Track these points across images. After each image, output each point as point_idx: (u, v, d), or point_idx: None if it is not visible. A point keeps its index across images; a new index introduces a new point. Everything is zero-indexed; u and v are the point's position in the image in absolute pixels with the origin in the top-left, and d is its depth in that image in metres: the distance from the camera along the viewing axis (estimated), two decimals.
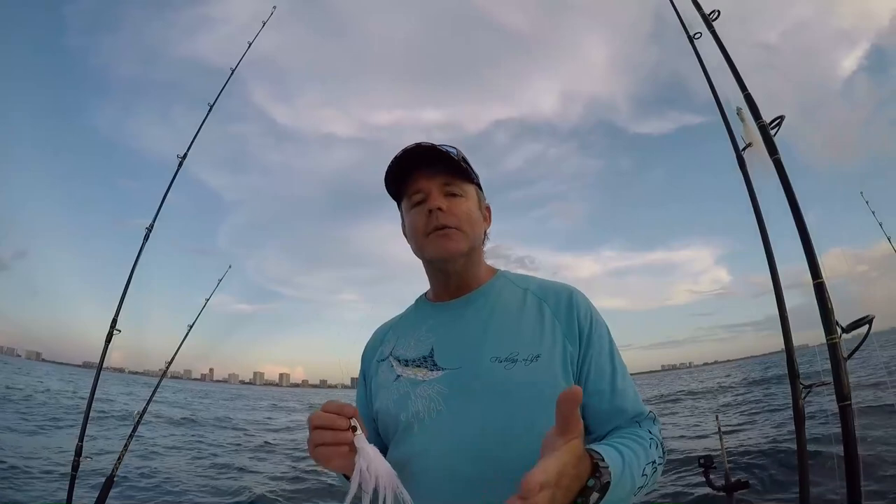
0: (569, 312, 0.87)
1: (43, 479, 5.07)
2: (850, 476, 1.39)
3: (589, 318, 0.87)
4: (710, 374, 48.95)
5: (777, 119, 1.83)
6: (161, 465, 6.91)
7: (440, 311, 0.94)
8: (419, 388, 0.84)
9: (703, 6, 2.19)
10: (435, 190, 0.88)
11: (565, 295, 0.89)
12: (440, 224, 0.86)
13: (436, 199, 0.87)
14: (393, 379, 0.89)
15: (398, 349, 0.93)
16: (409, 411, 0.83)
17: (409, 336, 0.94)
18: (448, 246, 0.87)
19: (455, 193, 0.89)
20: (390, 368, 0.91)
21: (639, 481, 0.71)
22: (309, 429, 0.69)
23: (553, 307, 0.88)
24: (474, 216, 0.91)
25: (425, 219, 0.87)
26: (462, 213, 0.88)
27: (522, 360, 0.81)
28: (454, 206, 0.88)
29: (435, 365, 0.85)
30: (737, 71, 2.00)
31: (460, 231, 0.87)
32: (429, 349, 0.88)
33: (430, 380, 0.84)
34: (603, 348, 0.86)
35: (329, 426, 0.68)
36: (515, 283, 0.95)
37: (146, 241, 2.65)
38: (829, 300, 1.53)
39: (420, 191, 0.89)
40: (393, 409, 0.85)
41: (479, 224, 0.93)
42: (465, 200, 0.90)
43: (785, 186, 1.71)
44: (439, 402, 0.81)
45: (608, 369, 0.84)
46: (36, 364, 79.17)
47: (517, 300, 0.90)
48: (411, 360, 0.89)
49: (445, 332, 0.89)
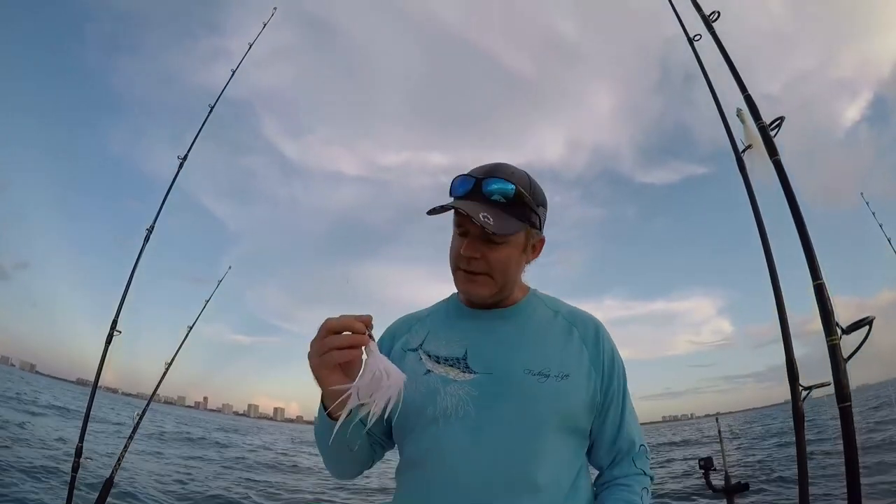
0: (596, 343, 0.92)
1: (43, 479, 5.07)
2: (850, 477, 1.39)
3: (612, 353, 0.93)
4: (713, 424, 49.12)
5: (777, 120, 1.82)
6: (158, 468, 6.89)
7: (475, 317, 0.95)
8: (450, 386, 0.86)
9: (703, 7, 2.19)
10: (475, 234, 0.86)
11: (593, 325, 0.94)
12: (469, 269, 0.88)
13: (470, 246, 0.86)
14: (423, 372, 0.89)
15: (429, 344, 0.93)
16: (437, 406, 0.84)
17: (441, 334, 0.94)
18: (471, 290, 0.90)
19: (497, 242, 0.86)
20: (419, 361, 0.91)
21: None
22: (318, 334, 0.70)
23: (582, 333, 0.92)
24: (510, 263, 0.89)
25: (458, 252, 0.88)
26: (496, 261, 0.87)
27: (554, 376, 0.84)
28: (489, 255, 0.87)
29: (468, 367, 0.87)
30: (737, 72, 2.00)
31: (490, 278, 0.88)
32: (462, 351, 0.89)
33: (462, 381, 0.86)
34: (620, 385, 0.92)
35: (348, 329, 0.69)
36: (546, 304, 0.98)
37: (146, 242, 2.65)
38: (830, 301, 1.52)
39: (463, 225, 0.88)
40: (419, 401, 0.85)
41: (516, 267, 0.91)
42: (504, 248, 0.87)
43: (785, 188, 1.71)
44: (468, 403, 0.83)
45: (621, 405, 0.92)
46: (30, 376, 78.72)
47: (548, 320, 0.94)
48: (443, 357, 0.90)
49: (479, 337, 0.91)
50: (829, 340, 1.49)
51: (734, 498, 2.55)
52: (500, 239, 0.85)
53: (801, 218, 1.64)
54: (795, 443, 1.67)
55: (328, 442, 0.78)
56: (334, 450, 0.84)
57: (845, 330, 1.48)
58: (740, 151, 1.99)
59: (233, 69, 3.08)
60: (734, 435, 18.04)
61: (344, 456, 0.89)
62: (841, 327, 1.49)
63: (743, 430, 20.47)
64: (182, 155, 2.85)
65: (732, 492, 2.53)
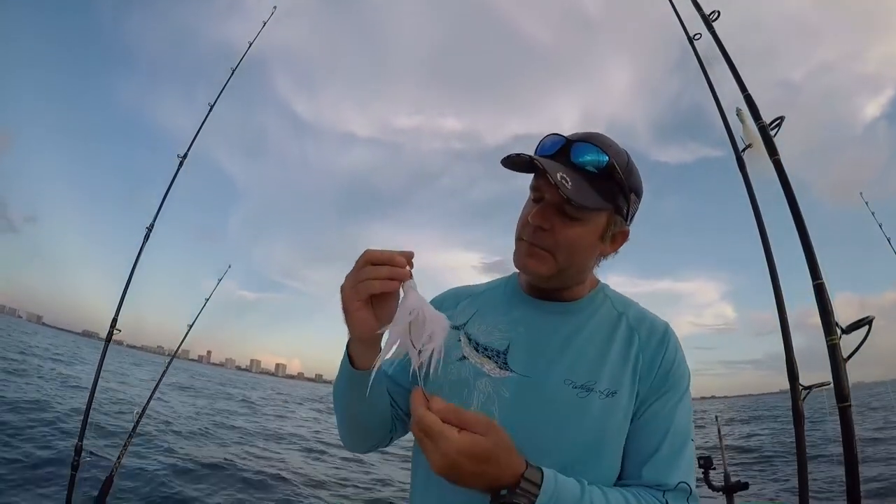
0: (657, 350, 0.78)
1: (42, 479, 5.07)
2: (850, 477, 1.39)
3: (672, 362, 0.78)
4: (710, 405, 50.35)
5: (777, 120, 1.82)
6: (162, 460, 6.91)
7: (531, 306, 0.84)
8: (481, 381, 0.78)
9: (703, 7, 2.19)
10: (550, 202, 0.75)
11: (659, 332, 0.80)
12: (532, 240, 0.76)
13: (542, 214, 0.75)
14: (458, 357, 0.81)
15: (473, 326, 0.85)
16: (461, 400, 0.76)
17: (489, 317, 0.85)
18: (529, 265, 0.78)
19: (572, 216, 0.74)
20: (457, 343, 0.83)
21: None
22: (356, 265, 0.64)
23: (644, 340, 0.79)
24: (581, 245, 0.77)
25: (525, 220, 0.78)
26: (564, 239, 0.75)
27: (599, 392, 0.73)
28: (560, 230, 0.75)
29: (505, 364, 0.78)
30: (737, 71, 2.00)
31: (552, 256, 0.76)
32: (505, 344, 0.80)
33: (496, 377, 0.78)
34: (670, 401, 0.76)
35: (389, 262, 0.63)
36: (614, 303, 0.85)
37: (146, 241, 2.65)
38: (829, 301, 1.52)
39: (539, 188, 0.77)
40: (446, 390, 0.77)
41: (587, 252, 0.79)
42: (579, 226, 0.75)
43: (785, 187, 1.71)
44: (495, 404, 0.75)
45: (664, 426, 0.74)
46: (37, 327, 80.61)
47: (611, 324, 0.81)
48: (482, 346, 0.81)
49: (527, 332, 0.81)
50: (829, 340, 1.49)
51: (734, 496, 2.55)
52: (575, 212, 0.73)
53: (801, 218, 1.64)
54: (795, 442, 1.68)
55: (349, 398, 0.73)
56: (354, 410, 0.78)
57: (845, 330, 1.48)
58: (740, 151, 1.99)
59: (232, 67, 3.06)
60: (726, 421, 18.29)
61: (363, 419, 0.81)
62: (840, 327, 1.49)
63: (738, 415, 20.76)
64: (182, 153, 2.84)
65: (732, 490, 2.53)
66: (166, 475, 5.72)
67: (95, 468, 2.72)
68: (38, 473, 5.11)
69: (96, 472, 2.63)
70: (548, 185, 0.73)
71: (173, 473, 5.84)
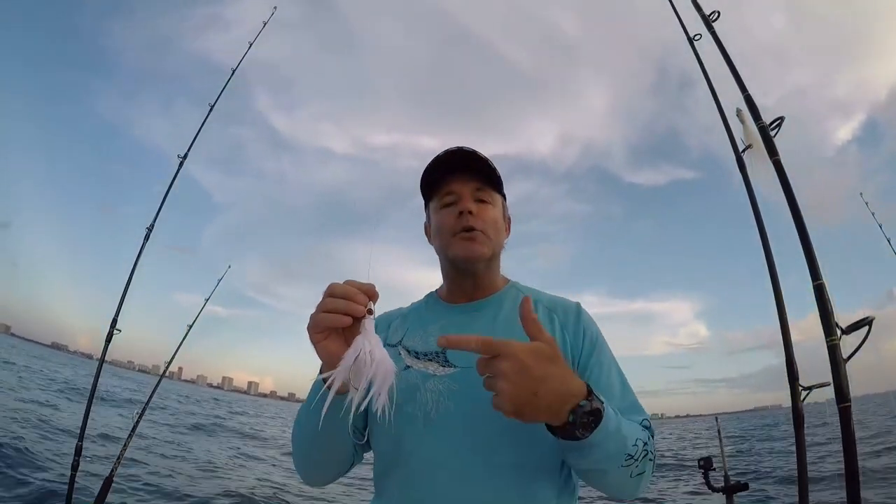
0: (576, 325, 0.91)
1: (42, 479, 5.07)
2: (850, 477, 1.39)
3: (594, 332, 0.91)
4: (684, 427, 50.50)
5: (777, 120, 1.82)
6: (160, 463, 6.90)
7: (453, 311, 0.96)
8: (430, 382, 0.85)
9: (703, 7, 2.19)
10: (467, 194, 0.93)
11: (573, 310, 0.94)
12: (468, 226, 0.90)
13: (467, 202, 0.92)
14: (402, 368, 0.88)
15: (408, 340, 0.93)
16: (416, 403, 0.83)
17: (419, 329, 0.94)
18: (473, 248, 0.91)
19: (485, 200, 0.94)
20: (399, 357, 0.90)
21: (629, 448, 0.71)
22: (323, 296, 0.67)
23: (562, 319, 0.91)
24: (499, 224, 0.96)
25: (454, 219, 0.92)
26: (489, 219, 0.93)
27: None
28: (483, 212, 0.92)
29: (447, 361, 0.86)
30: (737, 72, 2.00)
31: (486, 236, 0.91)
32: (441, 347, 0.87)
33: (442, 375, 0.85)
34: (608, 359, 0.89)
35: (347, 297, 0.65)
36: (525, 294, 0.92)
37: (146, 242, 2.65)
38: (829, 301, 1.52)
39: (452, 192, 0.94)
40: (399, 398, 0.79)
41: (502, 232, 0.97)
42: (492, 208, 0.95)
43: (785, 188, 1.70)
44: (448, 398, 0.82)
45: (616, 381, 0.87)
46: (4, 337, 79.20)
47: None
48: (422, 353, 0.89)
49: (458, 330, 0.87)
50: (829, 341, 1.49)
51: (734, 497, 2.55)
52: (487, 196, 0.94)
53: (801, 218, 1.64)
54: (795, 443, 1.67)
55: (312, 423, 0.74)
56: (315, 436, 0.79)
57: (845, 330, 1.48)
58: (740, 151, 1.99)
59: (233, 68, 3.08)
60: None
61: (323, 445, 0.83)
62: (840, 327, 1.49)
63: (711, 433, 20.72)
64: (182, 153, 2.84)
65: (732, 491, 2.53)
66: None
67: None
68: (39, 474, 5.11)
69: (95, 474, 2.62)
70: (461, 184, 0.93)
71: None
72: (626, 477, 0.72)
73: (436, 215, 0.96)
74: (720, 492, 2.55)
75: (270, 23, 3.16)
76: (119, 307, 2.52)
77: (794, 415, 1.69)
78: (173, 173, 2.83)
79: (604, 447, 0.67)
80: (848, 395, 1.43)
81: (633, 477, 0.73)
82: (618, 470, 0.71)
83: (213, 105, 2.95)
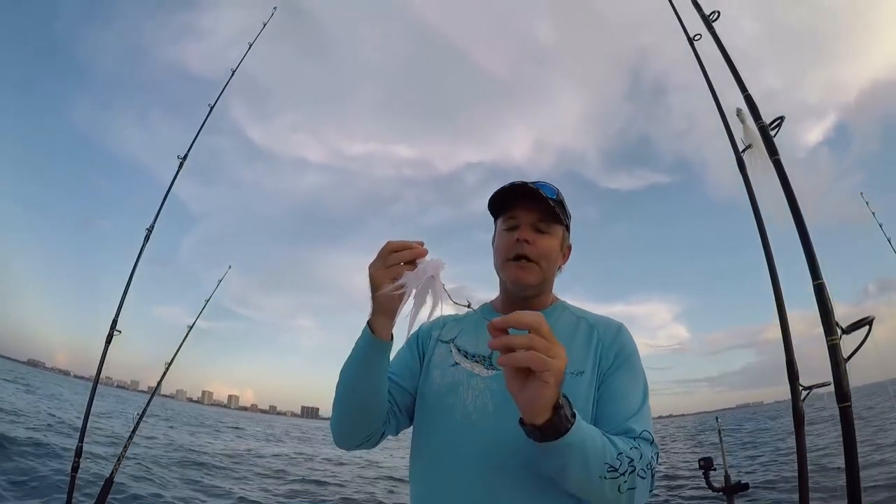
0: (614, 339, 0.97)
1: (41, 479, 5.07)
2: (850, 477, 1.39)
3: (629, 350, 0.96)
4: (665, 425, 50.62)
5: (777, 120, 1.82)
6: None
7: None
8: (473, 380, 0.93)
9: (703, 7, 2.19)
10: (526, 223, 1.00)
11: (615, 326, 1.00)
12: (522, 254, 0.97)
13: (525, 231, 0.99)
14: (450, 364, 0.98)
15: (460, 340, 1.02)
16: (457, 397, 0.92)
17: (472, 332, 1.02)
18: (522, 276, 0.98)
19: (542, 231, 1.00)
20: (449, 353, 1.00)
21: (609, 458, 0.74)
22: (381, 253, 0.81)
23: (602, 333, 0.98)
24: (553, 254, 1.01)
25: (511, 245, 0.99)
26: (543, 248, 0.99)
27: (569, 374, 0.85)
28: (539, 241, 0.99)
29: (492, 365, 0.94)
30: (737, 71, 2.00)
31: (537, 265, 0.98)
32: (489, 351, 0.94)
33: (485, 376, 0.93)
34: (628, 371, 0.93)
35: (407, 247, 0.80)
36: (573, 312, 1.05)
37: (146, 242, 2.65)
38: (830, 301, 1.52)
39: (515, 217, 1.01)
40: (443, 390, 0.95)
41: (556, 261, 1.03)
42: (549, 238, 1.00)
43: (785, 187, 1.70)
44: (488, 398, 0.90)
45: (632, 391, 0.90)
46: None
47: (573, 324, 1.00)
48: (471, 354, 0.98)
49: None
50: (829, 340, 1.49)
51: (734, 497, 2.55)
52: (547, 227, 1.00)
53: (801, 217, 1.64)
54: (795, 443, 1.67)
55: (363, 371, 0.86)
56: (361, 386, 0.89)
57: (845, 330, 1.48)
58: (740, 151, 1.99)
59: (232, 68, 3.07)
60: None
61: (366, 398, 0.91)
62: (841, 327, 1.49)
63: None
64: (182, 154, 2.84)
65: (732, 491, 2.53)
66: None
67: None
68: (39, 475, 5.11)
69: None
70: (524, 210, 0.99)
71: None
72: (615, 491, 0.74)
73: (499, 237, 1.04)
74: (721, 492, 2.55)
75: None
76: (119, 308, 2.51)
77: (794, 415, 1.69)
78: (171, 178, 2.82)
79: (580, 449, 0.70)
80: (849, 394, 1.43)
81: (624, 492, 0.75)
82: (600, 482, 0.73)
83: (213, 105, 2.95)
